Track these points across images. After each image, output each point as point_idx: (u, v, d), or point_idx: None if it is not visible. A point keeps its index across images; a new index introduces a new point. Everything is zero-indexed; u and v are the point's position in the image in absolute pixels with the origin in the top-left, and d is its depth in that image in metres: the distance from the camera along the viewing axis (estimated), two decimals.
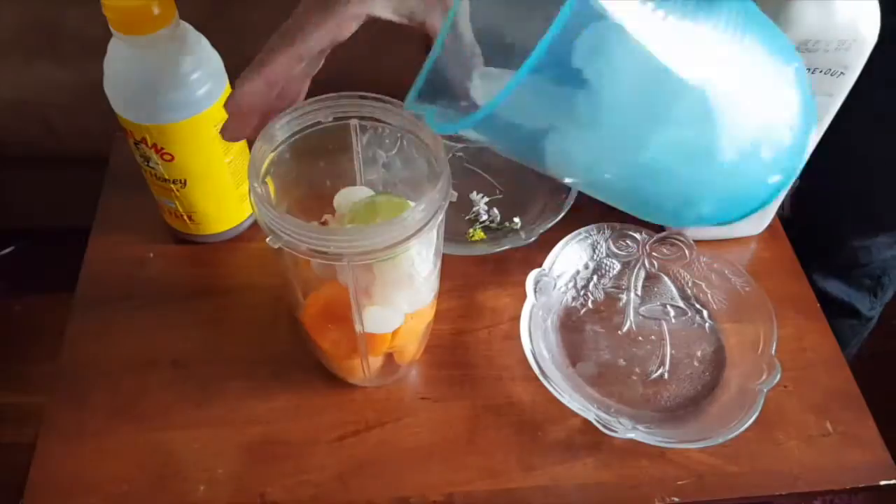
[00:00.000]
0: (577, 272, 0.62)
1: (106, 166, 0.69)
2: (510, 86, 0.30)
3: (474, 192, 0.68)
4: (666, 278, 0.62)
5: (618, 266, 0.63)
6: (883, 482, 0.52)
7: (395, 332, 0.50)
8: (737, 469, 0.52)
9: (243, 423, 0.54)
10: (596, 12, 0.29)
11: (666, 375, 0.57)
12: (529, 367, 0.53)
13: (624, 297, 0.62)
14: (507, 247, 0.63)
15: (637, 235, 0.63)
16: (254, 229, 0.64)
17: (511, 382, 0.56)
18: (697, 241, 0.62)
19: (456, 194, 0.44)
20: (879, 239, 0.80)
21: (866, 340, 0.95)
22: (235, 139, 0.43)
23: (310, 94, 0.46)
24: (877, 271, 0.83)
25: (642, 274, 0.63)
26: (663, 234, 0.63)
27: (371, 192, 0.50)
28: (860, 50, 0.49)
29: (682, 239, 0.62)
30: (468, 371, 0.57)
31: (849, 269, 0.61)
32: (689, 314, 0.61)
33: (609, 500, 0.51)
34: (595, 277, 0.62)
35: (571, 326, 0.60)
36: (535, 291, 0.58)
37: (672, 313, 0.61)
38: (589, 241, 0.63)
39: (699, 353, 0.58)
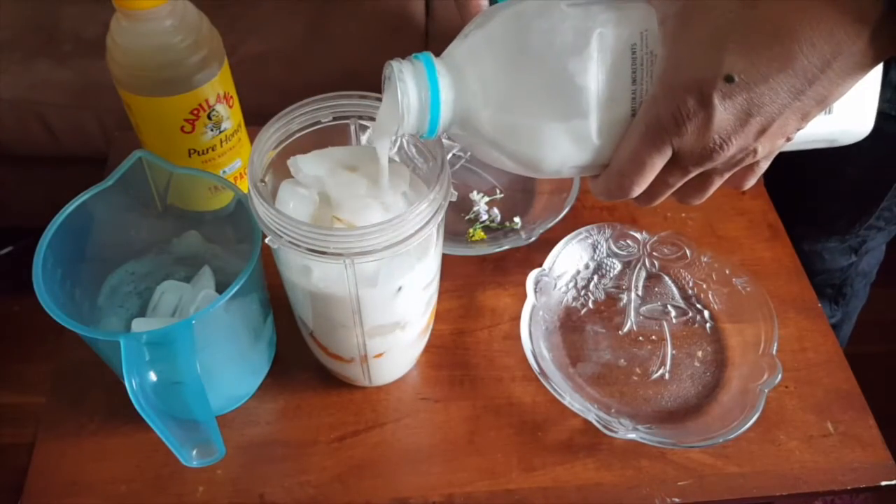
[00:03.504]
0: (578, 272, 0.62)
1: (105, 165, 0.68)
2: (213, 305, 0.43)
3: (474, 192, 0.68)
4: (667, 278, 0.62)
5: (618, 266, 0.63)
6: (884, 483, 0.52)
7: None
8: (737, 469, 0.52)
9: (243, 424, 0.54)
10: None
11: (667, 376, 0.57)
12: (530, 368, 0.53)
13: (625, 297, 0.61)
14: (507, 247, 0.62)
15: (638, 235, 0.63)
16: None
17: (511, 383, 0.56)
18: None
19: (456, 194, 0.44)
20: (830, 244, 0.80)
21: (857, 341, 0.95)
22: None
23: (310, 94, 0.46)
24: (837, 280, 0.84)
25: (643, 274, 0.63)
26: (665, 233, 0.63)
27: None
28: None
29: (683, 239, 0.62)
30: (468, 371, 0.57)
31: (808, 277, 0.62)
32: (690, 314, 0.61)
33: (609, 501, 0.51)
34: (595, 277, 0.62)
35: (572, 326, 0.60)
36: (536, 291, 0.58)
37: (673, 313, 0.61)
38: (589, 240, 0.62)
39: (700, 354, 0.58)
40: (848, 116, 0.39)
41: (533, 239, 0.62)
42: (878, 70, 0.37)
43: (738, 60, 0.32)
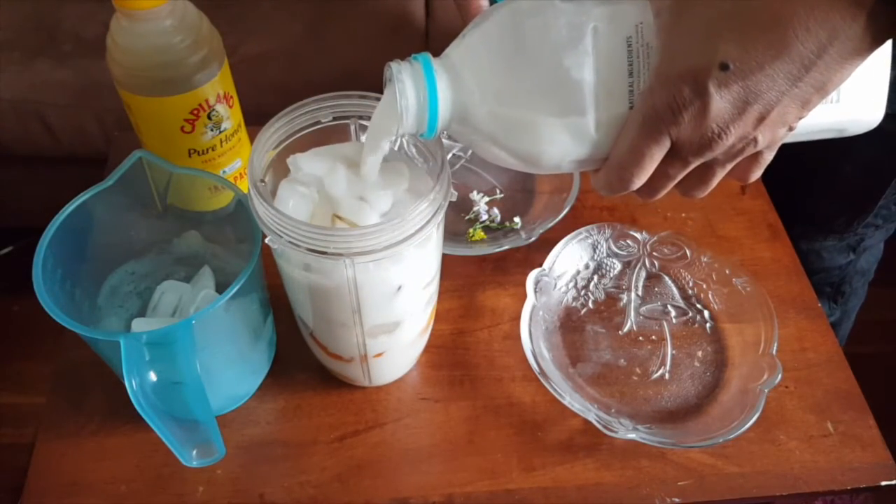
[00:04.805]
0: (578, 272, 0.62)
1: (105, 165, 0.68)
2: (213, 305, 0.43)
3: (474, 192, 0.68)
4: (667, 278, 0.62)
5: (618, 266, 0.63)
6: (884, 483, 0.52)
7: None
8: (737, 469, 0.52)
9: (243, 424, 0.54)
10: None
11: (667, 376, 0.57)
12: (530, 368, 0.53)
13: (625, 297, 0.61)
14: (507, 247, 0.62)
15: (637, 235, 0.63)
16: None
17: (511, 383, 0.56)
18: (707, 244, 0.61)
19: (456, 194, 0.44)
20: (828, 242, 0.80)
21: (857, 341, 0.95)
22: None
23: (310, 94, 0.46)
24: (835, 279, 0.84)
25: (643, 274, 0.63)
26: (664, 233, 0.63)
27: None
28: None
29: (683, 239, 0.62)
30: (468, 371, 0.57)
31: (807, 276, 0.62)
32: (690, 314, 0.61)
33: (609, 501, 0.51)
34: (595, 277, 0.62)
35: (572, 326, 0.60)
36: (536, 291, 0.58)
37: (673, 313, 0.61)
38: (589, 240, 0.62)
39: (700, 354, 0.58)
40: (857, 105, 0.39)
41: (533, 239, 0.62)
42: (887, 58, 0.37)
43: (733, 48, 0.32)
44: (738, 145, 0.35)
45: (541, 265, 0.60)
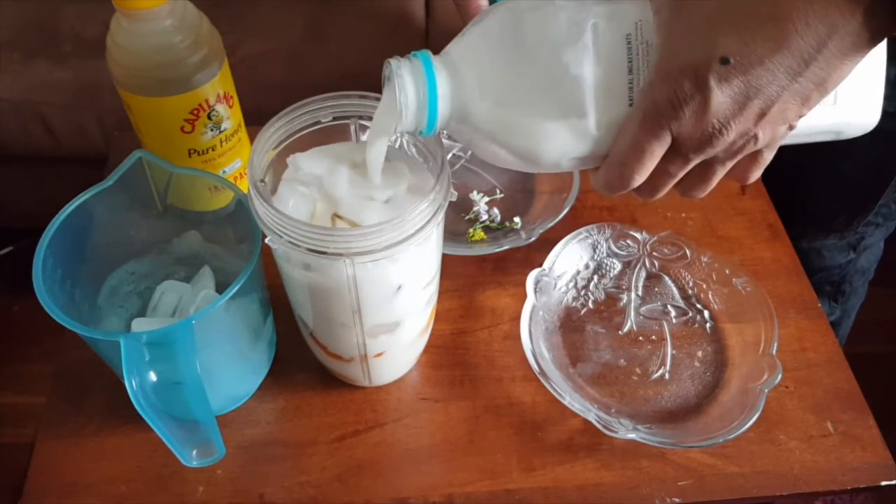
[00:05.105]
0: (578, 272, 0.62)
1: (105, 165, 0.68)
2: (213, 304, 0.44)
3: (474, 192, 0.68)
4: (667, 278, 0.62)
5: (618, 266, 0.63)
6: (884, 483, 0.52)
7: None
8: (737, 469, 0.52)
9: (243, 424, 0.54)
10: None
11: (667, 376, 0.57)
12: (530, 368, 0.53)
13: (625, 297, 0.61)
14: (507, 247, 0.62)
15: (637, 235, 0.63)
16: None
17: (511, 383, 0.56)
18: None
19: (456, 194, 0.44)
20: (829, 241, 0.80)
21: (857, 340, 0.95)
22: None
23: (310, 94, 0.46)
24: (836, 278, 0.84)
25: (643, 274, 0.63)
26: (664, 233, 0.63)
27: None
28: None
29: (683, 239, 0.62)
30: (468, 371, 0.57)
31: (807, 275, 0.62)
32: (690, 314, 0.61)
33: (609, 501, 0.51)
34: (595, 277, 0.62)
35: (572, 326, 0.60)
36: (536, 291, 0.58)
37: (673, 313, 0.61)
38: (589, 240, 0.63)
39: (700, 354, 0.58)
40: (853, 107, 0.39)
41: (533, 239, 0.62)
42: (883, 61, 0.37)
43: (733, 42, 0.32)
44: (739, 142, 0.35)
45: (541, 265, 0.60)
